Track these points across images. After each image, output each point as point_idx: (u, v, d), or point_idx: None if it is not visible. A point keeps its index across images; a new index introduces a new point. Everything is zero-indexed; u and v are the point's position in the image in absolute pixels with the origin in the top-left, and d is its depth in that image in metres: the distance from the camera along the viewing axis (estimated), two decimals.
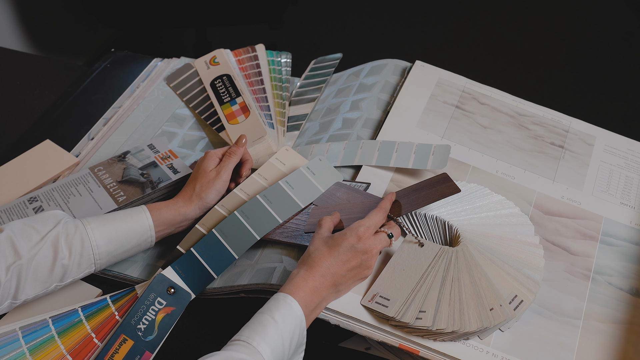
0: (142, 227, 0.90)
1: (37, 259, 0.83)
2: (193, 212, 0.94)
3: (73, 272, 0.86)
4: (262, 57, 1.26)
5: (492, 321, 0.83)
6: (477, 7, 2.69)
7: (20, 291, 0.83)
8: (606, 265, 0.96)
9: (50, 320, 0.87)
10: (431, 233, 0.95)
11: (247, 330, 0.77)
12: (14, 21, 2.08)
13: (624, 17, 2.66)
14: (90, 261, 0.87)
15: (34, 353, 0.83)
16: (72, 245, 0.85)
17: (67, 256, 0.85)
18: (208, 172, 0.97)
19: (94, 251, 0.87)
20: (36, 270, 0.83)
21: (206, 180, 0.96)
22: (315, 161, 1.01)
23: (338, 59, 1.28)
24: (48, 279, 0.85)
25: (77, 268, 0.86)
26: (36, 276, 0.83)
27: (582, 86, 2.39)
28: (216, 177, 0.96)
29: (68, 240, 0.85)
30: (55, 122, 1.19)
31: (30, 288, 0.84)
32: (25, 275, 0.82)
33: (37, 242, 0.83)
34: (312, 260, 0.84)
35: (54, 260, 0.84)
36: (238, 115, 1.15)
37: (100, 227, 0.87)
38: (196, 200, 0.95)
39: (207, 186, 0.95)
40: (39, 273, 0.83)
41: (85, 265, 0.87)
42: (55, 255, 0.84)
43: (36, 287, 0.84)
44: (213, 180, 0.96)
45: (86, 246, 0.86)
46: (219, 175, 0.97)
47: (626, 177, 1.09)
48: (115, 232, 0.88)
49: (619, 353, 0.86)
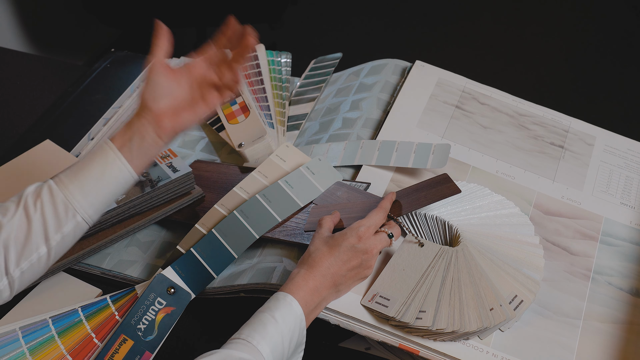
0: (104, 153, 0.81)
1: (15, 223, 0.78)
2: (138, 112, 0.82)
3: (52, 224, 0.79)
4: (262, 57, 1.26)
5: (492, 321, 0.83)
6: (477, 7, 2.69)
7: (9, 263, 0.78)
8: (606, 265, 0.96)
9: (50, 320, 0.87)
10: (431, 233, 0.95)
11: (247, 329, 0.77)
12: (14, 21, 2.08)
13: (624, 17, 2.66)
14: (67, 207, 0.79)
15: (34, 353, 0.83)
16: (42, 197, 0.79)
17: (38, 209, 0.78)
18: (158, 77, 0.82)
19: (65, 194, 0.79)
20: (16, 235, 0.78)
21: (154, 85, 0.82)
22: (315, 161, 1.02)
23: (338, 59, 1.28)
24: (30, 240, 0.78)
25: (56, 219, 0.79)
26: (18, 241, 0.78)
27: (582, 86, 2.39)
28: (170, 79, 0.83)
29: (36, 194, 0.79)
30: (55, 122, 1.19)
31: (18, 256, 0.78)
32: (8, 244, 0.78)
33: (14, 211, 0.79)
34: (312, 259, 0.84)
35: (27, 217, 0.78)
36: (238, 115, 1.15)
37: (65, 173, 0.80)
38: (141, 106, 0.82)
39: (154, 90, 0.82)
40: (19, 237, 0.78)
41: (64, 213, 0.79)
42: (26, 212, 0.78)
43: (23, 253, 0.79)
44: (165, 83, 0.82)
45: (55, 193, 0.79)
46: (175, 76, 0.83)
47: (626, 177, 1.09)
48: (81, 172, 0.80)
49: (619, 353, 0.86)
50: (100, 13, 2.06)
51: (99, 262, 0.96)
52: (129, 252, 0.98)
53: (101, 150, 0.81)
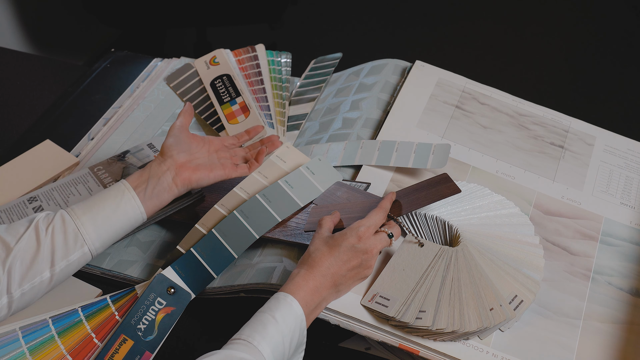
0: (118, 190, 0.87)
1: (22, 246, 0.80)
2: (155, 160, 0.91)
3: (60, 251, 0.82)
4: (262, 57, 1.26)
5: (492, 321, 0.83)
6: (477, 8, 2.69)
7: (12, 283, 0.80)
8: (606, 265, 0.96)
9: (50, 320, 0.87)
10: (431, 233, 0.95)
11: (247, 329, 0.77)
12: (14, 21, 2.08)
13: (624, 17, 2.66)
14: (78, 237, 0.83)
15: (34, 353, 0.83)
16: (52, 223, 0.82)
17: (49, 236, 0.82)
18: (179, 132, 0.95)
19: (76, 223, 0.84)
20: (23, 257, 0.80)
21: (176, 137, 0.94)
22: (314, 161, 1.01)
23: (338, 59, 1.28)
24: (36, 264, 0.81)
25: (65, 247, 0.82)
26: (24, 263, 0.80)
27: (582, 86, 2.39)
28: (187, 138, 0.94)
29: (47, 220, 0.83)
30: (55, 122, 1.19)
31: (21, 277, 0.80)
32: (14, 265, 0.80)
33: (22, 233, 0.81)
34: (312, 260, 0.84)
35: (37, 242, 0.81)
36: (238, 115, 1.15)
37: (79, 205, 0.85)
38: (161, 152, 0.92)
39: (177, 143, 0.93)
40: (26, 259, 0.80)
41: (73, 243, 0.83)
42: (37, 237, 0.81)
43: (27, 275, 0.81)
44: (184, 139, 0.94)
45: (67, 221, 0.83)
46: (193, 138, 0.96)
47: (626, 177, 1.09)
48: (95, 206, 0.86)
49: (619, 353, 0.86)
50: (100, 13, 2.06)
51: (99, 262, 0.96)
52: (129, 252, 0.98)
53: (117, 188, 0.88)
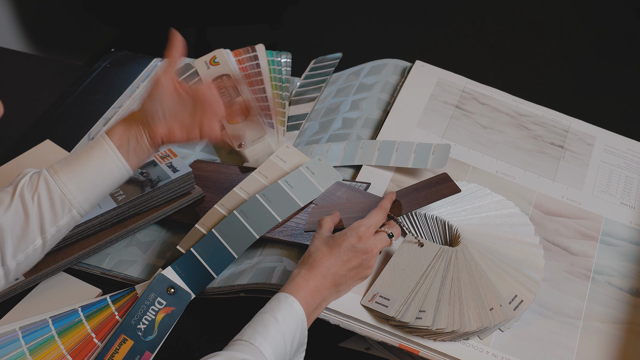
0: (105, 152, 0.83)
1: (10, 217, 0.79)
2: (135, 115, 0.86)
3: (49, 217, 0.81)
4: (262, 57, 1.26)
5: (492, 321, 0.83)
6: (477, 7, 2.69)
7: (5, 255, 0.79)
8: (606, 265, 0.96)
9: (50, 320, 0.87)
10: (431, 233, 0.95)
11: (249, 330, 0.77)
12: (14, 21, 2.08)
13: (623, 17, 2.66)
14: (65, 202, 0.81)
15: (34, 353, 0.83)
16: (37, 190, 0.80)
17: (35, 203, 0.80)
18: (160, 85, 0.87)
19: (63, 190, 0.81)
20: (13, 228, 0.79)
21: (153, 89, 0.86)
22: (314, 161, 1.01)
23: (338, 59, 1.28)
24: (27, 233, 0.80)
25: (52, 213, 0.81)
26: (14, 234, 0.80)
27: (582, 86, 2.39)
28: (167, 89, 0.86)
29: (32, 187, 0.81)
30: (55, 122, 1.19)
31: (14, 249, 0.80)
32: (5, 236, 0.79)
33: (9, 203, 0.80)
34: (312, 260, 0.84)
35: (25, 211, 0.80)
36: (238, 115, 1.15)
37: (64, 168, 0.81)
38: (139, 106, 0.87)
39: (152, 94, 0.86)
40: (16, 230, 0.79)
41: (60, 208, 0.81)
42: (24, 206, 0.80)
43: (20, 245, 0.80)
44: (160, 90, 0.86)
45: (52, 189, 0.81)
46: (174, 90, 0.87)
47: (626, 177, 1.09)
48: (80, 168, 0.82)
49: (619, 353, 0.86)
50: (100, 13, 2.07)
51: (99, 262, 0.96)
52: (129, 252, 0.98)
53: (99, 147, 0.83)
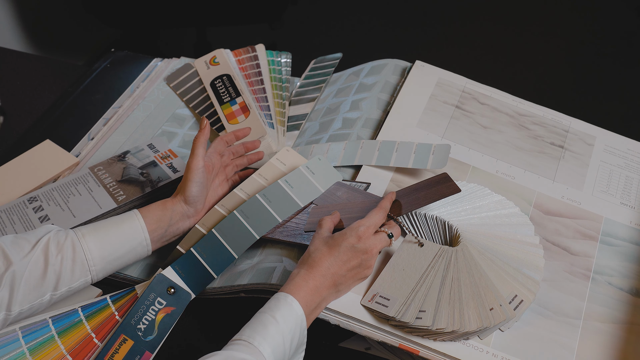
0: (135, 230, 0.88)
1: (29, 266, 0.81)
2: (179, 206, 0.92)
3: (66, 279, 0.84)
4: (262, 57, 1.26)
5: (492, 321, 0.83)
6: (477, 7, 2.69)
7: (13, 301, 0.81)
8: (606, 265, 0.96)
9: (50, 320, 0.87)
10: (431, 233, 0.95)
11: (248, 330, 0.77)
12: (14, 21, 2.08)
13: (624, 17, 2.66)
14: (84, 267, 0.85)
15: (34, 353, 0.83)
16: (63, 250, 0.83)
17: (58, 262, 0.83)
18: (197, 164, 0.94)
19: (87, 256, 0.85)
20: (28, 278, 0.81)
21: (193, 171, 0.94)
22: (314, 160, 1.01)
23: (338, 59, 1.28)
24: (41, 287, 0.82)
25: (71, 275, 0.84)
26: (28, 284, 0.81)
27: (582, 86, 2.39)
28: (189, 169, 0.93)
29: (59, 245, 0.83)
30: (55, 122, 1.19)
31: (23, 297, 0.81)
32: (18, 283, 0.80)
33: (29, 251, 0.82)
34: (312, 260, 0.84)
35: (45, 266, 0.82)
36: (238, 115, 1.15)
37: (91, 233, 0.86)
38: (179, 194, 0.93)
39: (192, 177, 0.93)
40: (31, 280, 0.81)
41: (79, 272, 0.85)
42: (46, 261, 0.82)
43: (29, 296, 0.82)
44: (201, 174, 0.93)
45: (78, 251, 0.84)
46: (209, 171, 0.96)
47: (626, 177, 1.09)
48: (107, 237, 0.87)
49: (619, 353, 0.86)
50: (100, 13, 2.07)
51: None
52: None
53: (134, 231, 0.89)
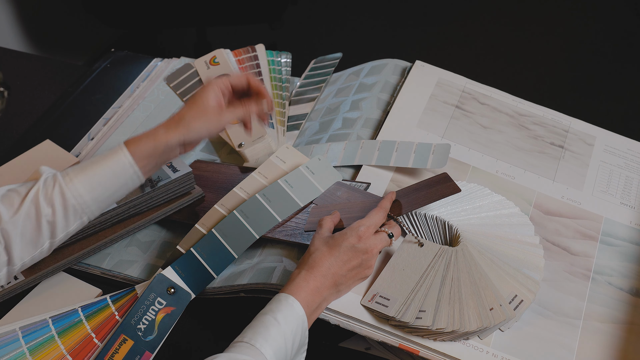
0: (122, 166, 0.83)
1: (21, 219, 0.80)
2: (175, 138, 0.85)
3: (61, 226, 0.82)
4: (262, 57, 1.26)
5: (492, 321, 0.83)
6: (477, 7, 2.69)
7: (13, 255, 0.80)
8: (606, 265, 0.96)
9: (50, 320, 0.87)
10: (431, 233, 0.95)
11: (249, 332, 0.76)
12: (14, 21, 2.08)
13: (624, 17, 2.66)
14: (77, 212, 0.83)
15: (34, 353, 0.84)
16: (53, 200, 0.81)
17: (50, 213, 0.81)
18: (208, 102, 0.87)
19: (77, 201, 0.82)
20: (23, 231, 0.80)
21: (202, 111, 0.86)
22: (314, 160, 1.01)
23: (338, 59, 1.28)
24: (38, 238, 0.82)
25: (65, 222, 0.82)
26: (24, 237, 0.81)
27: (582, 86, 2.39)
28: (213, 113, 0.86)
29: (47, 196, 0.81)
30: (55, 122, 1.19)
31: (22, 250, 0.81)
32: (13, 238, 0.80)
33: (19, 205, 0.80)
34: (312, 260, 0.84)
35: (37, 218, 0.81)
36: None
37: (78, 176, 0.82)
38: (182, 127, 0.85)
39: (200, 116, 0.86)
40: (26, 234, 0.81)
41: (73, 217, 0.83)
42: (37, 213, 0.81)
43: (28, 248, 0.81)
44: (210, 115, 0.86)
45: (68, 198, 0.82)
46: (220, 111, 0.87)
47: (626, 177, 1.09)
48: (96, 177, 0.83)
49: (619, 353, 0.86)
50: (100, 13, 2.07)
51: (99, 262, 0.96)
52: (129, 252, 0.98)
53: (122, 167, 0.84)
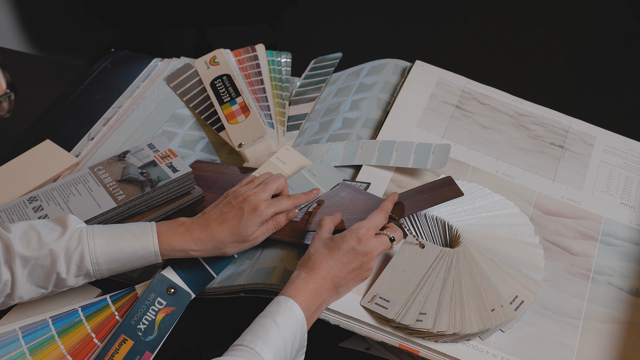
0: (147, 251, 0.85)
1: (34, 265, 0.81)
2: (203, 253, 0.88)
3: (70, 282, 0.84)
4: (262, 57, 1.26)
5: (494, 322, 0.83)
6: (477, 7, 2.69)
7: (15, 291, 0.82)
8: (606, 265, 0.96)
9: (50, 320, 0.87)
10: (431, 233, 0.95)
11: (249, 335, 0.76)
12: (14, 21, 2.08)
13: (624, 17, 2.66)
14: (89, 274, 0.84)
15: (34, 353, 0.83)
16: (71, 260, 0.82)
17: (64, 270, 0.82)
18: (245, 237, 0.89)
19: (93, 268, 0.84)
20: (31, 274, 0.81)
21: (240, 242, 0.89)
22: (316, 164, 1.01)
23: (338, 59, 1.28)
24: (44, 286, 0.83)
25: (75, 280, 0.84)
26: (30, 280, 0.82)
27: (582, 86, 2.39)
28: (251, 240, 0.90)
29: (67, 255, 0.82)
30: (55, 122, 1.19)
31: (24, 290, 0.82)
32: (20, 277, 0.81)
33: (37, 249, 0.81)
34: (312, 262, 0.84)
35: (50, 270, 0.82)
36: (238, 115, 1.15)
37: (102, 246, 0.83)
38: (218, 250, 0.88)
39: (237, 247, 0.89)
40: (33, 278, 0.82)
41: (83, 278, 0.85)
42: (52, 265, 0.82)
43: (31, 290, 0.83)
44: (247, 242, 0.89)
45: (85, 262, 0.83)
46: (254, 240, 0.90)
47: (626, 177, 1.09)
48: (118, 253, 0.84)
49: (619, 353, 0.86)
50: (100, 13, 2.07)
51: None
52: None
53: (148, 254, 0.85)
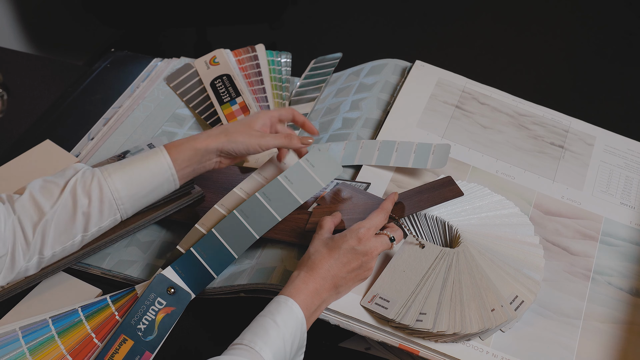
0: (161, 167, 0.88)
1: (58, 211, 0.83)
2: (215, 144, 0.90)
3: (95, 219, 0.85)
4: (262, 57, 1.26)
5: (494, 322, 0.83)
6: (477, 7, 2.69)
7: (45, 246, 0.83)
8: (606, 265, 0.96)
9: (50, 320, 0.87)
10: (431, 233, 0.95)
11: (249, 334, 0.76)
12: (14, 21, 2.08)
13: (624, 17, 2.66)
14: (113, 207, 0.86)
15: (34, 353, 0.84)
16: (91, 192, 0.84)
17: (86, 204, 0.84)
18: (253, 125, 0.92)
19: (114, 195, 0.86)
20: (58, 222, 0.83)
21: (246, 128, 0.91)
22: (314, 151, 0.99)
23: (338, 59, 1.28)
24: (71, 230, 0.85)
25: (99, 215, 0.86)
26: (58, 228, 0.83)
27: (582, 86, 2.39)
28: (256, 135, 0.91)
29: (85, 187, 0.84)
30: (55, 122, 1.19)
31: (54, 240, 0.84)
32: (49, 230, 0.83)
33: (58, 196, 0.83)
34: (312, 262, 0.84)
35: (74, 209, 0.84)
36: (238, 115, 1.15)
37: (117, 172, 0.86)
38: (223, 135, 0.91)
39: (243, 132, 0.91)
40: (61, 225, 0.83)
41: (107, 212, 0.86)
42: (74, 204, 0.84)
43: (61, 239, 0.84)
44: (253, 134, 0.91)
45: (105, 192, 0.85)
46: (261, 136, 0.91)
47: (626, 177, 1.09)
48: (134, 175, 0.87)
49: (619, 353, 0.86)
50: (100, 13, 2.07)
51: (99, 262, 0.96)
52: (129, 252, 0.98)
53: (156, 161, 0.88)
